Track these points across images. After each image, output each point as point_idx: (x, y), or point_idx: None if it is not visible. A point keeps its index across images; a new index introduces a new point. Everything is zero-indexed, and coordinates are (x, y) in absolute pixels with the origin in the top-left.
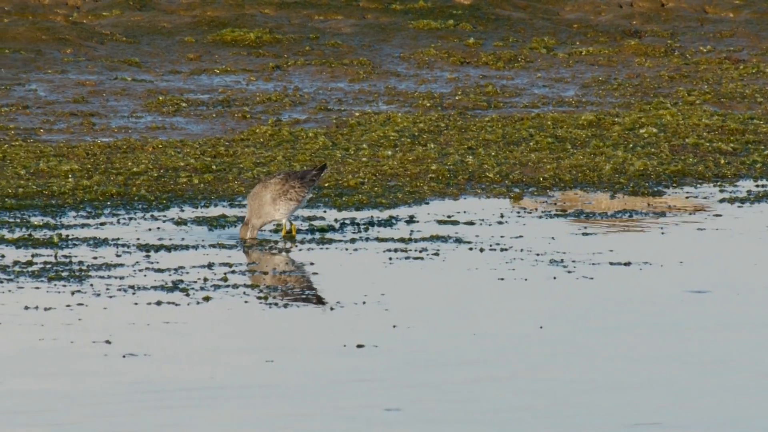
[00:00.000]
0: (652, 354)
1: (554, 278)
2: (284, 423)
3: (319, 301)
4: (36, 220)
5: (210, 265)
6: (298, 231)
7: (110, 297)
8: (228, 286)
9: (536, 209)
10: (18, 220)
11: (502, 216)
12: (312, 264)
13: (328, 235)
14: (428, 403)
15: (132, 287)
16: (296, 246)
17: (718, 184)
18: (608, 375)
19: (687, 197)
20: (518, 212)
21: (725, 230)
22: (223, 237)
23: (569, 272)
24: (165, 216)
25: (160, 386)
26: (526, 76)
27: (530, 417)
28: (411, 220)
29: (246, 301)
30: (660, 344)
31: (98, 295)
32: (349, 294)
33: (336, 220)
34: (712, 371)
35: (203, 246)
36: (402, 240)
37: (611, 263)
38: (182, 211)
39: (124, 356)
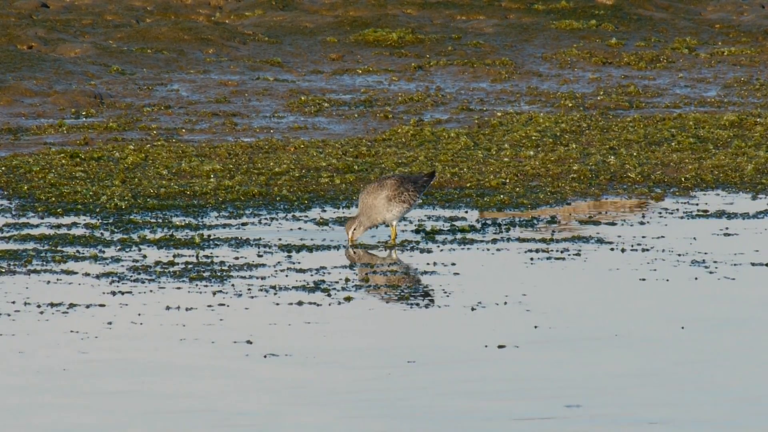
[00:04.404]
0: None
1: (696, 279)
2: (455, 424)
3: (460, 301)
4: (178, 220)
5: (351, 266)
6: (440, 231)
7: (251, 297)
8: (369, 286)
9: (678, 209)
10: (160, 221)
11: (643, 216)
12: (453, 264)
13: (470, 236)
14: (603, 399)
15: (273, 287)
16: (438, 246)
17: None
18: (749, 375)
19: None
20: (660, 212)
21: None
22: (365, 237)
23: (711, 273)
24: (306, 216)
25: (300, 386)
26: (667, 76)
27: (686, 413)
28: (552, 220)
29: (387, 302)
30: None
31: (239, 295)
32: (490, 294)
33: (477, 221)
34: None
35: (345, 246)
36: (543, 240)
37: (753, 264)
38: (324, 211)
39: (265, 356)
